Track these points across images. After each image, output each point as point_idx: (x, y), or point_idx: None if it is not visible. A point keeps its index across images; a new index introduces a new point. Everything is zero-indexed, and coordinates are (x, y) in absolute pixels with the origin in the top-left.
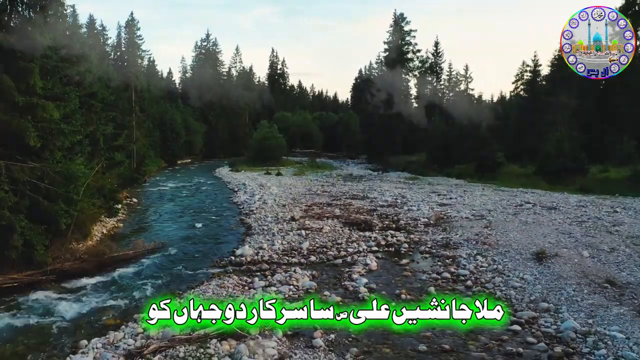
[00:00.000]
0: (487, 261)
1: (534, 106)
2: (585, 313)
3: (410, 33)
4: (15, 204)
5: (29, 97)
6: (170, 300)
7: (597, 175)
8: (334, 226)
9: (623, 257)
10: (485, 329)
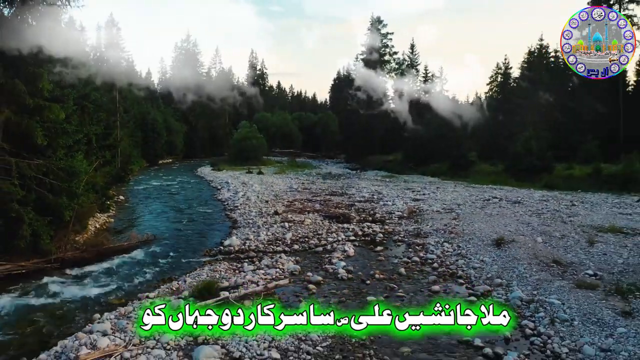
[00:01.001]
0: (452, 247)
1: (504, 108)
2: (532, 286)
3: (387, 36)
4: (23, 198)
5: (37, 100)
6: (165, 305)
7: (562, 172)
8: (315, 219)
9: (571, 242)
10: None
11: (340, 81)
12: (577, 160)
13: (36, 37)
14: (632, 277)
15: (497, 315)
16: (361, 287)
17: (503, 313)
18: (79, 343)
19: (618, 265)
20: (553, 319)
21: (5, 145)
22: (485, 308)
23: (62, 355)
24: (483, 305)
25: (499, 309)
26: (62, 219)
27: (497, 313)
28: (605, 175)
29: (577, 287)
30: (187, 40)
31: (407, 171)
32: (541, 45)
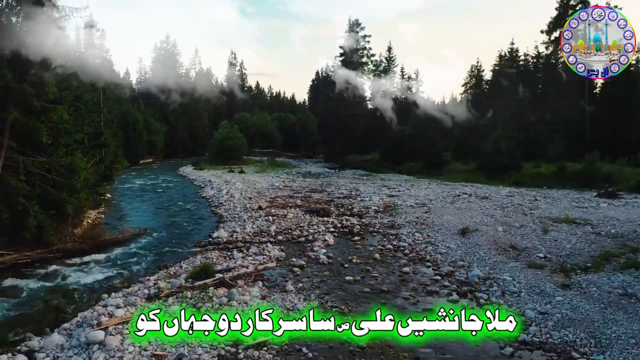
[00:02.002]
0: (422, 236)
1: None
2: (489, 267)
3: (364, 38)
4: (29, 192)
5: (43, 102)
6: (160, 311)
7: (530, 171)
8: (297, 213)
9: (528, 231)
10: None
11: (319, 82)
12: (545, 159)
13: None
14: (576, 258)
15: (502, 320)
16: (340, 269)
17: (509, 318)
18: (97, 313)
19: (566, 250)
20: (504, 291)
21: (13, 144)
22: (491, 313)
23: (83, 323)
24: (489, 311)
25: (505, 314)
26: (64, 212)
27: (503, 318)
28: (569, 173)
29: (528, 267)
30: (167, 41)
31: (383, 170)
32: (512, 49)
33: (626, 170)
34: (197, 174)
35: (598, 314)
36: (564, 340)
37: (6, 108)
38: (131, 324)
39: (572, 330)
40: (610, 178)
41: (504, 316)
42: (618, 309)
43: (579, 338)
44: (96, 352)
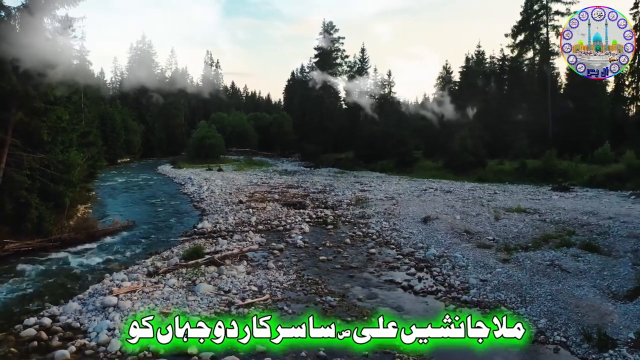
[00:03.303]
0: (389, 224)
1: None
2: (444, 247)
3: (339, 40)
4: (30, 186)
5: (44, 104)
6: (153, 317)
7: (494, 167)
8: (275, 206)
9: (482, 219)
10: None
11: (294, 82)
12: (509, 157)
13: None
14: (520, 240)
15: (510, 327)
16: (315, 252)
17: (517, 325)
18: (107, 285)
19: (512, 233)
20: (454, 265)
21: (16, 142)
22: (499, 320)
23: (95, 294)
24: (496, 317)
25: (513, 321)
26: (62, 204)
27: (511, 325)
28: (530, 169)
29: (477, 247)
30: (143, 41)
31: (357, 168)
32: (479, 52)
33: (581, 167)
34: (176, 172)
35: (527, 279)
36: (497, 299)
37: (10, 109)
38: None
39: (504, 292)
40: (567, 174)
41: (511, 323)
42: (543, 275)
43: (509, 297)
44: (112, 313)
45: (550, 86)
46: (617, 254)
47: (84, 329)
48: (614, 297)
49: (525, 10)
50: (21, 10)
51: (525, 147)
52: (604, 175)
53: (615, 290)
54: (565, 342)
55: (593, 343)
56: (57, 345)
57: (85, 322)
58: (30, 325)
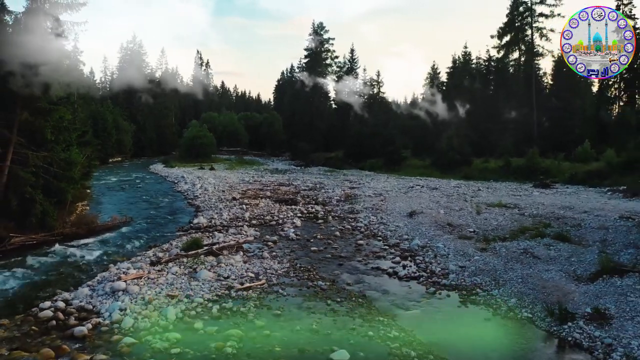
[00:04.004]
0: (377, 219)
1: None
2: (428, 238)
3: (328, 41)
4: (34, 183)
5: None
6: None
7: (479, 165)
8: (267, 203)
9: (464, 213)
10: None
11: (284, 82)
12: (494, 155)
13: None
14: (499, 232)
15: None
16: (307, 243)
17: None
18: (114, 273)
19: (492, 226)
20: (436, 254)
21: (22, 140)
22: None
23: (104, 280)
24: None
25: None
26: (64, 200)
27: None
28: (514, 167)
29: (459, 238)
30: (133, 41)
31: (346, 167)
32: (465, 53)
33: (564, 165)
34: (168, 171)
35: (501, 265)
36: (473, 283)
37: (16, 109)
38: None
39: (480, 277)
40: (549, 171)
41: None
42: (516, 262)
43: (484, 281)
44: (122, 296)
45: (535, 86)
46: (586, 243)
47: (97, 310)
48: (577, 280)
49: (510, 12)
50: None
51: (509, 145)
52: (584, 172)
53: (580, 273)
54: (531, 317)
55: (555, 317)
56: (73, 324)
57: (97, 305)
58: (46, 308)
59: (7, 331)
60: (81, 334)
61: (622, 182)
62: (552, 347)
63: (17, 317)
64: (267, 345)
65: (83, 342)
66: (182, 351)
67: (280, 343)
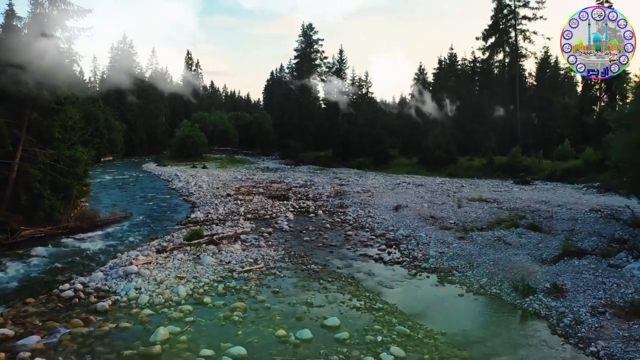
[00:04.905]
0: (364, 212)
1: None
2: (411, 229)
3: (318, 42)
4: (42, 179)
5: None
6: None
7: (464, 164)
8: (261, 199)
9: (447, 207)
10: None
11: (273, 82)
12: (479, 154)
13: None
14: (477, 223)
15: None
16: (300, 234)
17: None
18: (125, 259)
19: (471, 218)
20: (418, 242)
21: (32, 139)
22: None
23: (115, 266)
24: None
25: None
26: (70, 196)
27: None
28: (497, 165)
29: (440, 229)
30: (124, 41)
31: (336, 165)
32: (451, 54)
33: (545, 163)
34: (161, 170)
35: (476, 251)
36: (450, 266)
37: (25, 109)
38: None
39: (457, 261)
40: (530, 169)
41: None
42: (490, 247)
43: (460, 264)
44: (135, 278)
45: (519, 87)
46: (555, 232)
47: (113, 290)
48: (542, 262)
49: (495, 14)
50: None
51: (493, 145)
52: (563, 170)
53: (545, 257)
54: (499, 293)
55: (519, 292)
56: (94, 301)
57: (113, 286)
58: (66, 289)
59: (35, 307)
60: (103, 309)
61: (598, 178)
62: (516, 317)
63: (40, 297)
64: (268, 315)
65: (106, 315)
66: (195, 320)
67: (279, 313)
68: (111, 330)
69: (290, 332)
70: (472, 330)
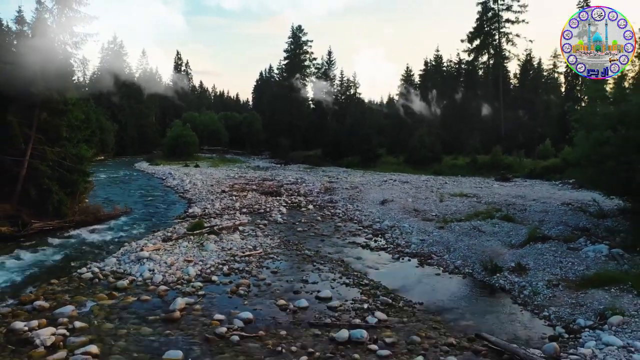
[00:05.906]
0: (353, 206)
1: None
2: (396, 221)
3: (307, 43)
4: (51, 175)
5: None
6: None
7: (449, 162)
8: (254, 195)
9: (429, 201)
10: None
11: (262, 82)
12: (463, 153)
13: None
14: (456, 215)
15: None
16: (293, 225)
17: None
18: (135, 247)
19: (451, 210)
20: (402, 232)
21: (41, 137)
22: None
23: (127, 252)
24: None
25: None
26: (76, 191)
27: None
28: (480, 163)
29: (422, 220)
30: (114, 42)
31: (325, 164)
32: (437, 56)
33: (525, 161)
34: (154, 169)
35: (453, 239)
36: (430, 251)
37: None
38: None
39: (436, 247)
40: (511, 167)
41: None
42: (465, 235)
43: (438, 250)
44: (147, 262)
45: (502, 88)
46: (527, 222)
47: (128, 272)
48: (510, 247)
49: (480, 17)
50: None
51: (477, 144)
52: (542, 168)
53: (514, 243)
54: (471, 272)
55: (488, 271)
56: (112, 281)
57: (127, 269)
58: (84, 272)
59: (60, 287)
60: (122, 286)
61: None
62: (485, 292)
63: (62, 278)
64: (269, 289)
65: (126, 291)
66: (207, 294)
67: (279, 288)
68: (133, 302)
69: (289, 302)
70: (445, 301)
